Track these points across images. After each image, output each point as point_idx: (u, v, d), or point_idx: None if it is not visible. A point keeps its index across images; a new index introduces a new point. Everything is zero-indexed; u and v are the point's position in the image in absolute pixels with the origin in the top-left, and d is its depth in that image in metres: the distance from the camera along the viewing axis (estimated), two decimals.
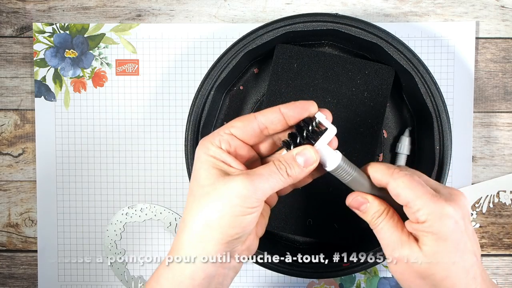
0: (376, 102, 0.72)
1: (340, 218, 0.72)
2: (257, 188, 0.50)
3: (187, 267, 0.52)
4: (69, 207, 0.78)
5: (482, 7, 0.76)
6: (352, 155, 0.72)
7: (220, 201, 0.50)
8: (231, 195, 0.50)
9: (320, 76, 0.72)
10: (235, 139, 0.53)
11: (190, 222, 0.51)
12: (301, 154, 0.52)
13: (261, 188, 0.50)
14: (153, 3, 0.77)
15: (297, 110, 0.53)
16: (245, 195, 0.50)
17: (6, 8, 0.78)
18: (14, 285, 0.79)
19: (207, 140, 0.53)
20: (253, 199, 0.50)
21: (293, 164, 0.52)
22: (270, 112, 0.53)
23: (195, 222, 0.51)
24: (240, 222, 0.51)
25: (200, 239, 0.51)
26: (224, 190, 0.50)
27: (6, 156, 0.79)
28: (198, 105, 0.72)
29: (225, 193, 0.50)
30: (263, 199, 0.51)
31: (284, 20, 0.71)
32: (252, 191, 0.50)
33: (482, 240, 0.77)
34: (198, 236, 0.51)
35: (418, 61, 0.70)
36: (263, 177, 0.51)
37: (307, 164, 0.52)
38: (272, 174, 0.51)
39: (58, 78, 0.78)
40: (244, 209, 0.50)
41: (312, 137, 0.53)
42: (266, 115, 0.53)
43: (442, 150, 0.70)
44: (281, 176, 0.51)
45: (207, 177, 0.51)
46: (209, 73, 0.72)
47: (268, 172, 0.51)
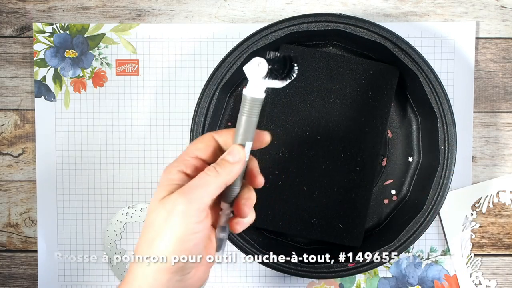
0: (381, 102, 0.70)
1: (345, 218, 0.70)
2: (192, 199, 0.48)
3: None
4: (69, 207, 0.76)
5: (482, 7, 0.73)
6: (356, 155, 0.70)
7: (163, 227, 0.48)
8: (171, 216, 0.48)
9: (324, 76, 0.70)
10: (200, 161, 0.51)
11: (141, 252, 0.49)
12: (230, 153, 0.50)
13: (195, 198, 0.48)
14: (153, 3, 0.75)
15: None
16: (182, 210, 0.48)
17: (6, 8, 0.75)
18: (14, 285, 0.77)
19: (171, 165, 0.51)
20: (192, 212, 0.48)
21: (221, 162, 0.50)
22: (225, 132, 0.52)
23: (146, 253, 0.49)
24: (186, 244, 0.48)
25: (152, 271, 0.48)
26: (164, 213, 0.48)
27: (6, 156, 0.76)
28: (203, 106, 0.70)
29: (165, 216, 0.48)
30: (202, 209, 0.48)
31: (288, 20, 0.69)
32: (188, 204, 0.48)
33: (482, 240, 0.74)
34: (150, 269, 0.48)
35: (423, 61, 0.68)
36: (194, 187, 0.49)
37: (235, 161, 0.50)
38: (201, 180, 0.49)
39: (58, 78, 0.75)
40: (187, 226, 0.48)
41: None
42: (222, 135, 0.52)
43: (447, 150, 0.68)
44: (210, 178, 0.49)
45: (153, 202, 0.50)
46: (214, 74, 0.70)
47: (197, 179, 0.49)
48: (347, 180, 0.69)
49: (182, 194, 0.48)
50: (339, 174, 0.69)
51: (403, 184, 0.73)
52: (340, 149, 0.69)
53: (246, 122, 0.50)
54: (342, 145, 0.69)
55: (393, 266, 0.74)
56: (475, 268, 0.74)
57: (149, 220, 0.49)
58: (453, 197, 0.73)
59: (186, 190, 0.48)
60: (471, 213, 0.74)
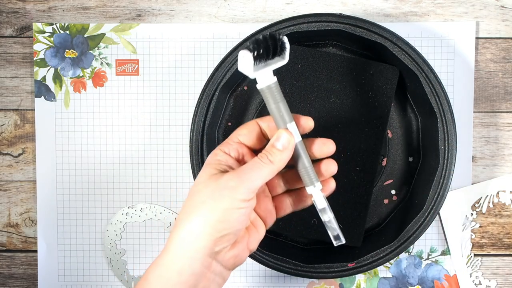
0: (381, 102, 0.69)
1: (345, 218, 0.70)
2: (244, 179, 0.50)
3: (175, 263, 0.51)
4: (69, 207, 0.75)
5: (482, 7, 0.73)
6: (356, 155, 0.69)
7: (211, 197, 0.50)
8: (221, 189, 0.50)
9: (324, 76, 0.70)
10: (243, 147, 0.54)
11: (182, 219, 0.51)
12: (277, 139, 0.52)
13: (248, 179, 0.51)
14: (153, 3, 0.74)
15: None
16: (233, 186, 0.50)
17: (6, 8, 0.75)
18: (14, 285, 0.76)
19: (217, 148, 0.54)
20: (243, 191, 0.50)
21: (272, 150, 0.52)
22: (268, 118, 0.55)
23: (187, 219, 0.51)
24: (230, 215, 0.50)
25: (190, 234, 0.50)
26: (215, 185, 0.51)
27: (6, 156, 0.76)
28: (203, 106, 0.70)
29: (215, 188, 0.50)
30: (252, 189, 0.51)
31: (289, 20, 0.68)
32: (239, 182, 0.50)
33: (482, 240, 0.74)
34: (188, 232, 0.50)
35: (423, 61, 0.67)
36: (250, 169, 0.51)
37: (284, 147, 0.52)
38: (255, 165, 0.51)
39: (58, 78, 0.75)
40: (233, 202, 0.50)
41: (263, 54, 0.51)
42: (266, 121, 0.55)
43: (447, 150, 0.68)
44: (264, 164, 0.52)
45: (203, 176, 0.52)
46: (214, 74, 0.69)
47: (252, 164, 0.52)
48: (347, 180, 0.69)
49: (235, 173, 0.51)
50: (338, 174, 0.69)
51: (403, 184, 0.73)
52: (340, 149, 0.69)
53: (276, 109, 0.52)
54: (342, 145, 0.69)
55: (393, 266, 0.74)
56: (475, 268, 0.74)
57: (195, 190, 0.51)
58: (453, 197, 0.72)
59: (239, 171, 0.51)
60: (471, 213, 0.73)
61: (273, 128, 0.54)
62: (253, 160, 0.52)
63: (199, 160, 0.69)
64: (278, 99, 0.52)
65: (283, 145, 0.52)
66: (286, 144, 0.52)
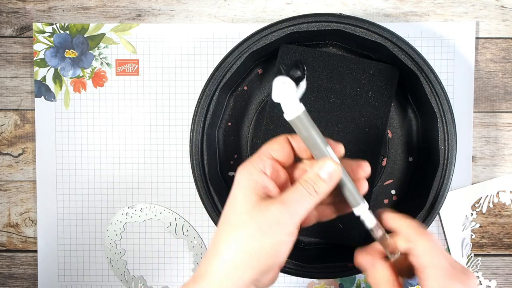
0: (381, 102, 0.69)
1: (345, 218, 0.68)
2: (293, 213, 0.48)
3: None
4: (69, 207, 0.75)
5: (482, 7, 0.73)
6: (356, 155, 0.69)
7: (260, 231, 0.48)
8: (271, 224, 0.48)
9: (324, 76, 0.69)
10: (276, 163, 0.52)
11: (225, 250, 0.49)
12: (323, 168, 0.50)
13: (297, 213, 0.49)
14: (153, 3, 0.74)
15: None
16: (284, 222, 0.48)
17: (6, 8, 0.75)
18: (14, 285, 0.76)
19: (250, 164, 0.51)
20: (291, 225, 0.48)
21: (318, 181, 0.50)
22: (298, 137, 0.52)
23: (231, 250, 0.48)
24: (278, 250, 0.49)
25: (236, 268, 0.48)
26: (263, 219, 0.48)
27: (6, 156, 0.75)
28: (203, 106, 0.69)
29: (264, 222, 0.48)
30: (299, 223, 0.49)
31: (289, 20, 0.68)
32: (289, 217, 0.48)
33: (482, 240, 0.74)
34: (234, 265, 0.48)
35: (423, 61, 0.67)
36: (296, 201, 0.49)
37: (331, 177, 0.50)
38: (303, 196, 0.49)
39: (58, 78, 0.74)
40: (283, 237, 0.48)
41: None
42: (297, 139, 0.52)
43: (447, 150, 0.67)
44: (310, 196, 0.50)
45: (244, 205, 0.49)
46: (214, 74, 0.69)
47: (299, 195, 0.49)
48: None
49: (283, 207, 0.48)
50: None
51: (403, 184, 0.72)
52: None
53: (310, 136, 0.50)
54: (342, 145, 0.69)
55: None
56: (475, 268, 0.74)
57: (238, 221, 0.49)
58: (453, 197, 0.72)
59: (287, 204, 0.48)
60: (471, 213, 0.73)
61: (304, 147, 0.52)
62: (298, 190, 0.50)
63: (199, 160, 0.69)
64: (309, 126, 0.49)
65: (330, 175, 0.50)
66: (333, 175, 0.50)
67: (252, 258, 0.48)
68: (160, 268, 0.75)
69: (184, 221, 0.74)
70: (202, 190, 0.69)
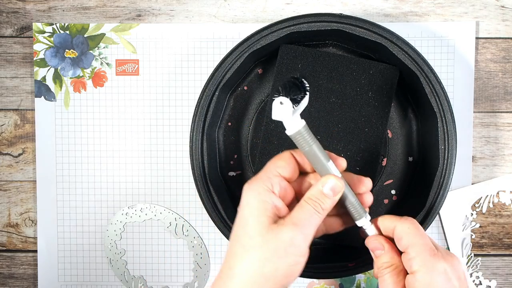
0: (381, 102, 0.69)
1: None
2: (305, 234, 0.50)
3: None
4: (69, 207, 0.75)
5: (482, 7, 0.73)
6: (356, 155, 0.69)
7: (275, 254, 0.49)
8: (286, 247, 0.49)
9: (324, 76, 0.69)
10: (283, 180, 0.52)
11: (241, 272, 0.49)
12: (326, 184, 0.51)
13: (308, 233, 0.50)
14: (153, 3, 0.74)
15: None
16: (298, 244, 0.49)
17: (6, 8, 0.75)
18: (14, 285, 0.76)
19: (258, 183, 0.51)
20: (304, 246, 0.50)
21: (323, 197, 0.51)
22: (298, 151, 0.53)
23: (247, 273, 0.49)
24: (293, 271, 0.50)
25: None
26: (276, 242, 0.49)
27: (6, 156, 0.75)
28: (203, 106, 0.69)
29: (279, 245, 0.49)
30: (310, 242, 0.50)
31: (289, 20, 0.68)
32: (302, 239, 0.49)
33: (482, 240, 0.74)
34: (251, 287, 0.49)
35: (423, 61, 0.67)
36: (307, 221, 0.50)
37: (335, 192, 0.51)
38: (312, 215, 0.50)
39: (58, 78, 0.74)
40: (297, 258, 0.49)
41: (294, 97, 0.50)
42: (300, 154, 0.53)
43: (447, 150, 0.67)
44: (318, 214, 0.51)
45: (256, 227, 0.50)
46: (214, 74, 0.69)
47: (308, 215, 0.50)
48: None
49: (296, 229, 0.49)
50: None
51: (403, 184, 0.72)
52: (340, 149, 0.69)
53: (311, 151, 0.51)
54: (342, 145, 0.69)
55: None
56: (475, 268, 0.73)
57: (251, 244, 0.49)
58: (453, 197, 0.72)
59: (299, 225, 0.49)
60: (471, 213, 0.73)
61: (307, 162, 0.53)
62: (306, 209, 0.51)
63: (199, 160, 0.69)
64: (311, 141, 0.50)
65: (333, 191, 0.51)
66: (336, 190, 0.51)
67: (268, 280, 0.49)
68: (160, 268, 0.75)
69: (184, 221, 0.74)
70: (202, 190, 0.69)
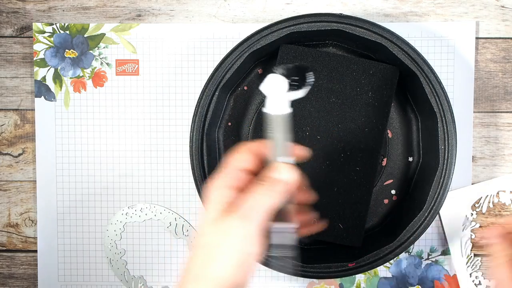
0: (381, 102, 0.69)
1: (345, 218, 0.70)
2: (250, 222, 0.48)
3: None
4: (69, 207, 0.75)
5: (482, 7, 0.73)
6: (356, 155, 0.69)
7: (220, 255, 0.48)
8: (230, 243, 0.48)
9: (324, 76, 0.69)
10: (244, 172, 0.51)
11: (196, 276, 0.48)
12: (277, 171, 0.50)
13: (253, 220, 0.48)
14: (153, 3, 0.74)
15: None
16: (243, 234, 0.48)
17: (6, 8, 0.75)
18: (14, 285, 0.76)
19: (217, 182, 0.51)
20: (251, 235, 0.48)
21: (272, 181, 0.50)
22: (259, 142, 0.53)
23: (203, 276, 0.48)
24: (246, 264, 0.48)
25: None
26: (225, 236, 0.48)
27: (6, 156, 0.75)
28: (203, 106, 0.69)
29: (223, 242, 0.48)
30: (259, 230, 0.48)
31: (289, 20, 0.68)
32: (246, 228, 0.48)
33: (482, 240, 0.73)
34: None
35: (423, 61, 0.67)
36: (250, 208, 0.48)
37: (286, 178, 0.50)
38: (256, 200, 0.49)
39: (58, 78, 0.74)
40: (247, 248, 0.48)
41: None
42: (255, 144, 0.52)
43: (447, 150, 0.67)
44: (266, 198, 0.49)
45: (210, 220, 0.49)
46: (214, 74, 0.69)
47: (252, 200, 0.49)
48: (347, 180, 0.69)
49: (239, 217, 0.48)
50: (339, 174, 0.69)
51: (403, 184, 0.72)
52: (340, 149, 0.69)
53: (279, 140, 0.50)
54: (342, 145, 0.69)
55: (393, 266, 0.73)
56: (475, 268, 0.73)
57: (203, 243, 0.49)
58: (453, 197, 0.72)
59: (243, 213, 0.48)
60: (471, 213, 0.73)
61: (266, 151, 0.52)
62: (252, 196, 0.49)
63: (199, 160, 0.69)
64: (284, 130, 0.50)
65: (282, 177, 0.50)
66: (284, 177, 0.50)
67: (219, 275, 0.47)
68: (160, 268, 0.75)
69: (184, 221, 0.74)
70: (202, 190, 0.69)
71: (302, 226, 0.56)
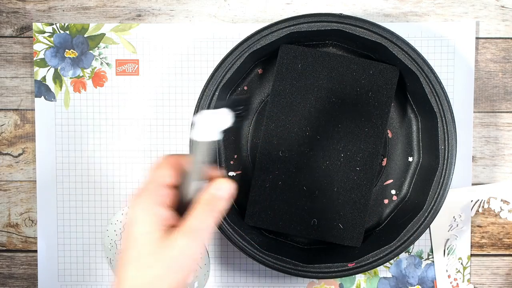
0: (381, 102, 0.69)
1: (345, 218, 0.70)
2: (200, 239, 0.49)
3: None
4: (69, 207, 0.75)
5: (482, 7, 0.73)
6: (356, 155, 0.69)
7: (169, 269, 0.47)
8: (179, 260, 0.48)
9: (324, 76, 0.69)
10: (169, 188, 0.50)
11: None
12: (218, 188, 0.51)
13: (203, 238, 0.49)
14: (153, 3, 0.74)
15: None
16: (193, 252, 0.48)
17: (6, 8, 0.74)
18: (14, 285, 0.76)
19: (145, 196, 0.49)
20: (199, 253, 0.49)
21: (214, 201, 0.50)
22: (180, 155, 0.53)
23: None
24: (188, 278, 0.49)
25: None
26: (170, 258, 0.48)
27: (6, 156, 0.75)
28: (203, 106, 0.69)
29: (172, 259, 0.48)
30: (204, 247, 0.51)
31: (289, 20, 0.68)
32: (196, 246, 0.48)
33: (482, 240, 0.74)
34: None
35: (423, 61, 0.67)
36: (198, 228, 0.49)
37: (227, 195, 0.51)
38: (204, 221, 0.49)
39: (58, 78, 0.74)
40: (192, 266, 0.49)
41: None
42: (178, 157, 0.52)
43: (447, 150, 0.67)
44: (212, 218, 0.50)
45: (147, 245, 0.48)
46: (214, 74, 0.69)
47: (200, 220, 0.49)
48: (347, 180, 0.69)
49: (189, 238, 0.48)
50: (339, 174, 0.69)
51: (403, 184, 0.72)
52: (340, 149, 0.69)
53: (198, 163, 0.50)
54: (342, 145, 0.69)
55: (393, 266, 0.73)
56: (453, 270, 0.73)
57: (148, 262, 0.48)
58: (453, 197, 0.72)
59: (191, 233, 0.48)
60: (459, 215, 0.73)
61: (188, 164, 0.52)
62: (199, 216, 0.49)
63: None
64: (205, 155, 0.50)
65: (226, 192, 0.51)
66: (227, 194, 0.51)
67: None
68: None
69: None
70: None
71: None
